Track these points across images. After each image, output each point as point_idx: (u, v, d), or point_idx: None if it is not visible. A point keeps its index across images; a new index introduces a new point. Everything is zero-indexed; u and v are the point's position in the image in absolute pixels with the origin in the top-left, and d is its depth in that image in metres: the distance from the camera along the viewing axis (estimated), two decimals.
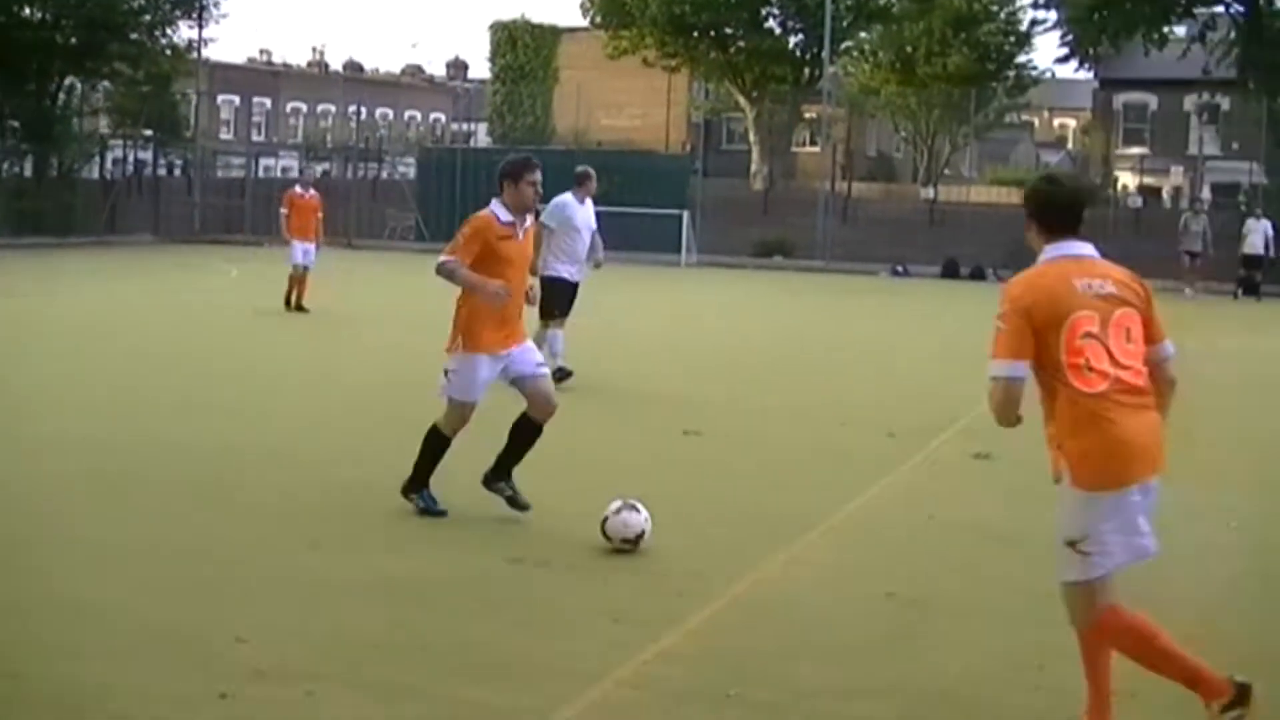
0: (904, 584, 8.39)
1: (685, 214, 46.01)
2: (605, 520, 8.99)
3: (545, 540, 9.34)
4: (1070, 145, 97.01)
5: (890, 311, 32.48)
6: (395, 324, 24.20)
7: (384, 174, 62.92)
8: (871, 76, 70.85)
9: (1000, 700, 6.63)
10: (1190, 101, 65.73)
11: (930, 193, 60.68)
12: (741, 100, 65.67)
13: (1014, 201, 52.55)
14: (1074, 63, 58.07)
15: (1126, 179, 65.92)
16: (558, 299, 16.15)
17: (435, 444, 9.94)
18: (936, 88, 66.84)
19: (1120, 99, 70.72)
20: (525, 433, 9.92)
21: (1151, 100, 69.99)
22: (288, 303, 24.79)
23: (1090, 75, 66.49)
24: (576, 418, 9.68)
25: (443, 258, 9.75)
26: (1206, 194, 55.83)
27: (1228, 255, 39.51)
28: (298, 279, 24.85)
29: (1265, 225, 39.47)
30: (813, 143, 72.57)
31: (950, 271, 44.25)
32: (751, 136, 65.88)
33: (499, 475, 9.92)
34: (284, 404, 15.16)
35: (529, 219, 9.99)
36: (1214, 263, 39.67)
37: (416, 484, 9.98)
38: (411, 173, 60.29)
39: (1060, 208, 6.25)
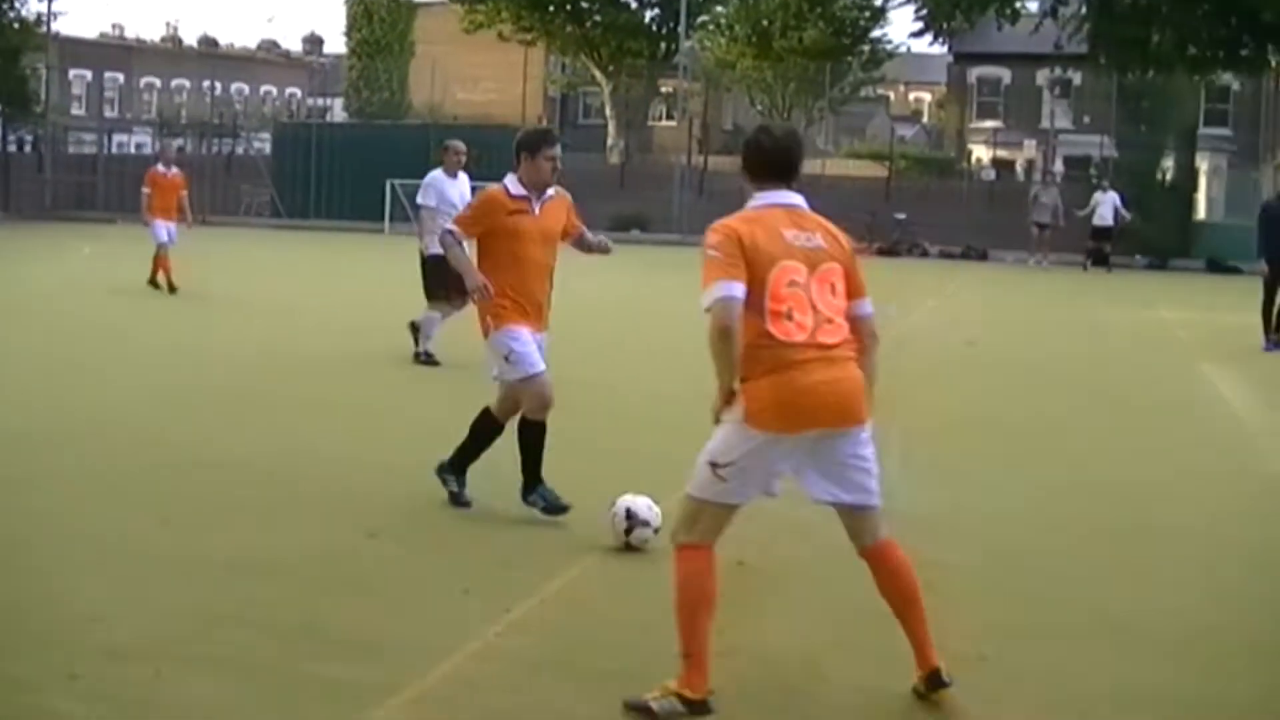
0: (755, 552, 8.40)
1: None
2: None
3: (401, 514, 9.37)
4: (925, 119, 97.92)
5: None
6: (254, 301, 24.03)
7: (239, 150, 62.20)
8: (728, 50, 70.89)
9: (838, 665, 6.76)
10: (1043, 76, 66.75)
11: None
12: (598, 74, 65.72)
13: (870, 175, 53.15)
14: (928, 37, 58.71)
15: (980, 152, 66.83)
16: (442, 278, 15.29)
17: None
18: (792, 61, 67.07)
19: (974, 73, 71.64)
20: (531, 434, 9.43)
21: (1005, 74, 70.94)
22: (154, 282, 24.35)
23: (945, 49, 67.19)
24: (434, 393, 9.67)
25: (449, 225, 9.54)
26: (1059, 167, 56.73)
27: (1079, 227, 40.16)
28: (162, 259, 24.43)
29: (1113, 197, 40.15)
30: (669, 117, 72.59)
31: None
32: (608, 111, 65.96)
33: (531, 486, 9.45)
34: (139, 382, 14.99)
35: (549, 193, 9.52)
36: (1065, 234, 40.35)
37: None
38: (267, 148, 59.70)
39: (769, 156, 6.30)
